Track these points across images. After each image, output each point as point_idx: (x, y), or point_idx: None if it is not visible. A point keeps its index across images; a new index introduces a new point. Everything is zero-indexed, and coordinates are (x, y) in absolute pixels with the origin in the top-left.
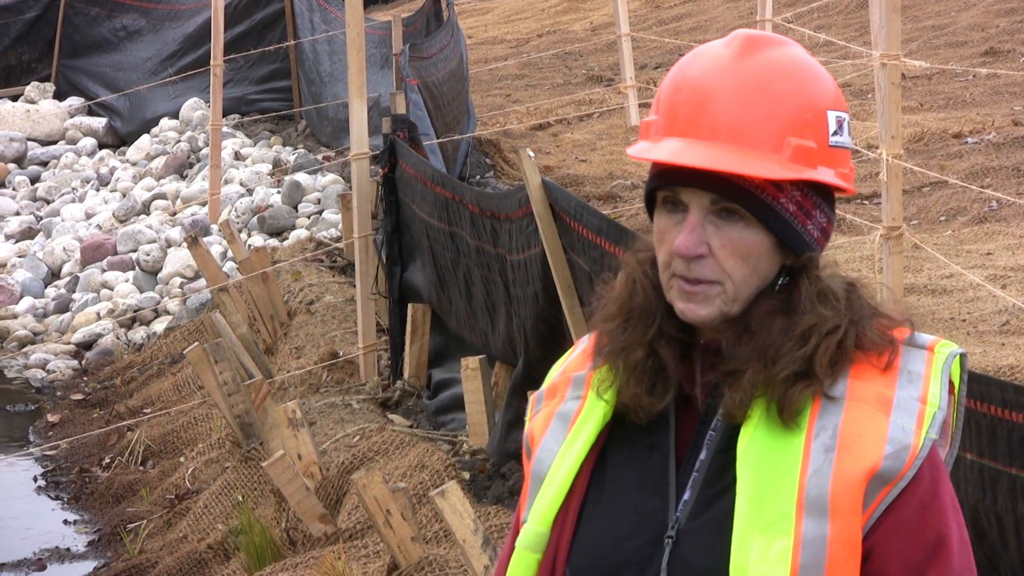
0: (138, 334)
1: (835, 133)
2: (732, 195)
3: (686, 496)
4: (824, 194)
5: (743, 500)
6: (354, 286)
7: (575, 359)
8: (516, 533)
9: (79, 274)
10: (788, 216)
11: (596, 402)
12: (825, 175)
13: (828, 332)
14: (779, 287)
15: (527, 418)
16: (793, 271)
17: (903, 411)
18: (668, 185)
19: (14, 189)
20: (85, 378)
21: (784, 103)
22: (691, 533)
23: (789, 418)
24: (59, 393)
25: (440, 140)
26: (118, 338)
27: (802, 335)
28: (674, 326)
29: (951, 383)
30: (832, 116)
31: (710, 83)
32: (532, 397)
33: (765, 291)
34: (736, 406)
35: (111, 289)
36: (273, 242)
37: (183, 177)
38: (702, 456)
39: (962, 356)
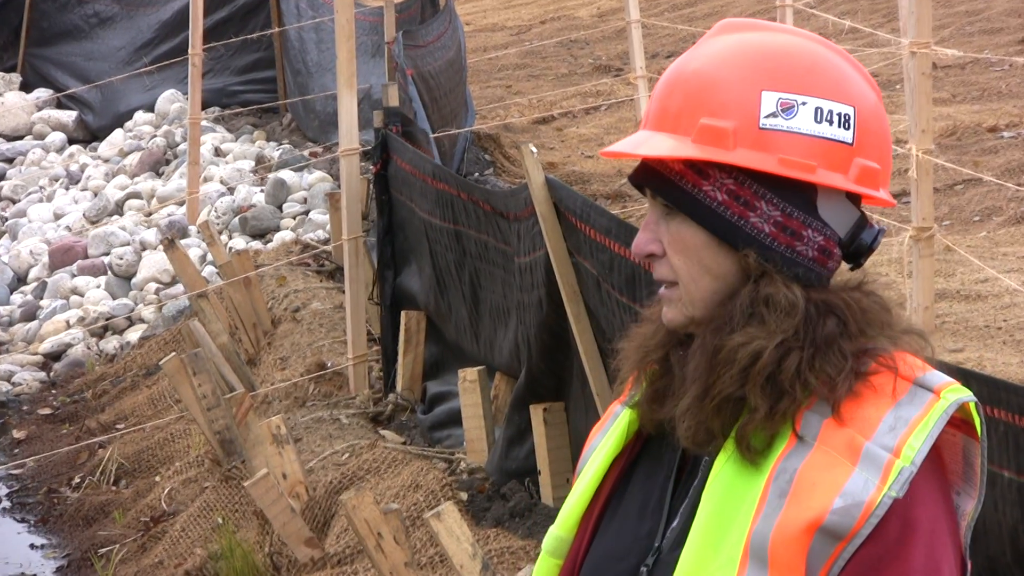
0: (111, 344)
1: (771, 115)
2: (657, 186)
3: (675, 523)
4: (780, 185)
5: (694, 539)
6: (343, 292)
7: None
8: None
9: (47, 279)
10: (715, 205)
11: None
12: (744, 158)
13: (753, 356)
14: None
15: None
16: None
17: (870, 462)
18: (632, 181)
19: None
20: (54, 391)
21: (706, 84)
22: (667, 564)
23: (747, 454)
24: (26, 407)
25: (437, 135)
26: (89, 348)
27: (728, 356)
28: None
29: (975, 430)
30: (770, 97)
31: (672, 73)
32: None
33: (732, 297)
34: (681, 434)
35: (82, 295)
36: (256, 245)
37: (159, 175)
38: (696, 482)
39: (976, 404)
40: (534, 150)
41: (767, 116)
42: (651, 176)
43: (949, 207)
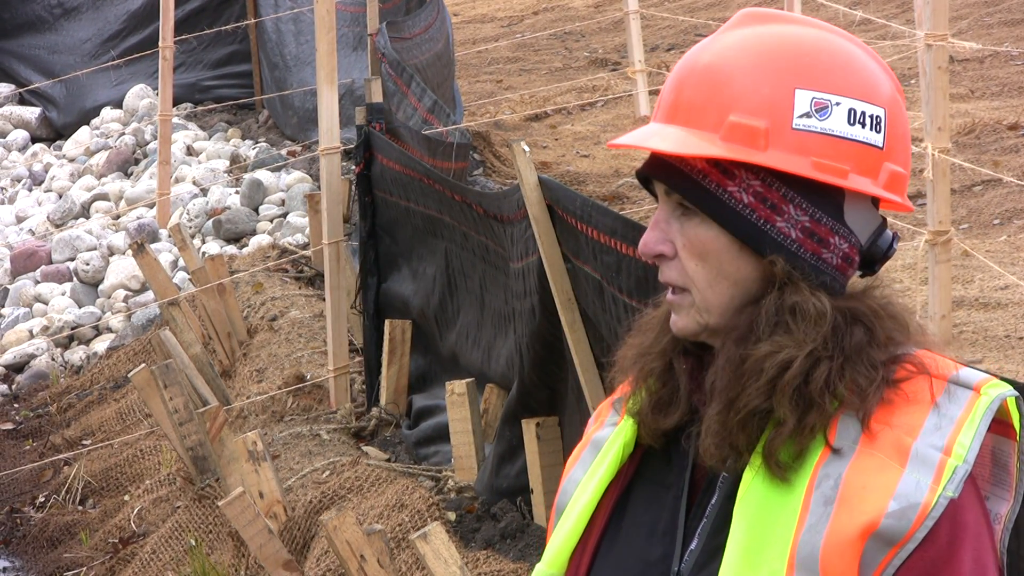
0: (77, 354)
1: (805, 115)
2: (675, 183)
3: (693, 545)
4: (809, 188)
5: (731, 557)
6: (323, 299)
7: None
8: None
9: (9, 286)
10: (740, 207)
11: (622, 428)
12: (777, 160)
13: (782, 366)
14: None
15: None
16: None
17: (921, 463)
18: (639, 175)
19: None
20: (16, 405)
21: (736, 78)
22: None
23: (777, 470)
24: None
25: (424, 132)
26: (53, 359)
27: (755, 367)
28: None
29: (1013, 429)
30: (804, 96)
31: (687, 63)
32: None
33: (752, 304)
34: (704, 451)
35: (45, 303)
36: (231, 249)
37: (128, 175)
38: (713, 500)
39: (1017, 399)
40: (527, 149)
41: (800, 116)
42: (667, 172)
43: (967, 209)
